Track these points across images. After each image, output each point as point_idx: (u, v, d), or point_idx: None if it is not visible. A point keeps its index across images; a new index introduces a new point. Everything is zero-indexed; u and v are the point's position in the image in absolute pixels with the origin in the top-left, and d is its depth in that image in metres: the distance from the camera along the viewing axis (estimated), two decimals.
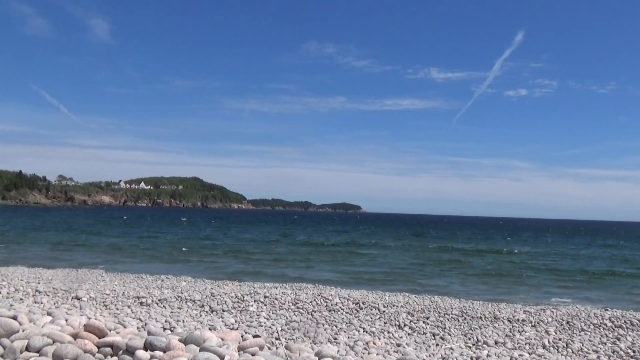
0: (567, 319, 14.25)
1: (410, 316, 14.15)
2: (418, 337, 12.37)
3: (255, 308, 14.23)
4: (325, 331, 12.21)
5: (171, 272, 23.69)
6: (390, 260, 34.56)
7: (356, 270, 29.01)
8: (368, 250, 43.27)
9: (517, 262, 35.67)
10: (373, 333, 12.44)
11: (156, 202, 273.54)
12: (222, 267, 28.33)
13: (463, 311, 14.88)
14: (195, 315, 13.29)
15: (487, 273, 28.92)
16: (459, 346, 11.63)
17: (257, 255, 35.95)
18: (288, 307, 14.51)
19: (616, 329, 13.43)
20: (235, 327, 11.95)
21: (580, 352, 11.38)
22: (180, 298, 15.02)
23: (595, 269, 32.76)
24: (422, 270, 29.41)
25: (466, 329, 13.20)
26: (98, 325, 5.49)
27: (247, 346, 5.47)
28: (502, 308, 15.88)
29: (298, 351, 6.04)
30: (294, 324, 12.72)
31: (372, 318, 13.93)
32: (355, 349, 10.61)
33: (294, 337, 11.45)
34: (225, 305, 14.29)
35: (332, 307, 14.72)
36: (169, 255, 33.87)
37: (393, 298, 16.88)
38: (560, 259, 39.59)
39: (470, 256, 39.66)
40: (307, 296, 15.90)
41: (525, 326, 13.49)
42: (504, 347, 11.63)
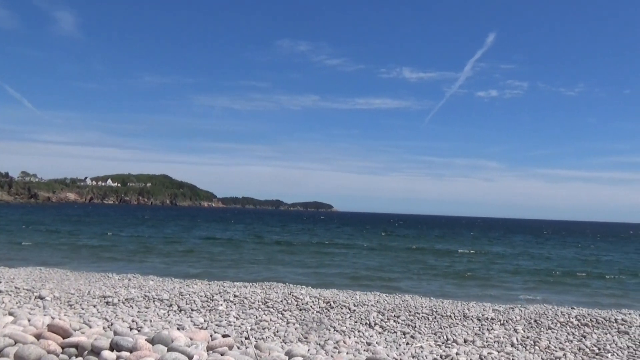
0: (535, 317, 14.47)
1: (381, 315, 14.16)
2: (388, 336, 12.38)
3: (224, 307, 14.05)
4: (296, 330, 12.13)
5: (137, 271, 23.27)
6: (361, 260, 34.66)
7: (326, 270, 28.98)
8: (339, 249, 43.28)
9: (487, 262, 36.14)
10: (343, 332, 12.39)
11: (124, 199, 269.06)
12: (188, 267, 27.92)
13: (433, 310, 14.97)
14: (163, 314, 13.05)
15: (457, 272, 29.22)
16: (429, 345, 11.68)
17: (224, 254, 35.57)
18: (258, 307, 14.37)
19: (582, 327, 13.68)
20: (204, 327, 11.80)
21: (547, 350, 11.54)
22: (147, 297, 14.74)
23: (563, 269, 33.41)
24: (393, 270, 29.54)
25: (436, 327, 13.28)
26: (62, 325, 5.35)
27: (216, 346, 5.41)
28: (472, 307, 16.03)
29: (268, 350, 6.02)
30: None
31: (342, 317, 13.90)
32: (325, 348, 10.57)
33: (263, 337, 11.33)
34: (194, 305, 14.08)
35: (303, 306, 14.63)
36: (131, 254, 33.23)
37: (364, 297, 16.88)
38: (529, 259, 40.29)
39: (441, 255, 40.05)
40: (278, 295, 15.78)
41: (494, 325, 13.64)
42: (473, 345, 11.72)
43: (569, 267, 34.47)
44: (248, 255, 35.22)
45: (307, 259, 34.41)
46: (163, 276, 21.81)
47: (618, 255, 47.49)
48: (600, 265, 36.72)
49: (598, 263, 38.82)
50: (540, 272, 31.25)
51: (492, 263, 35.53)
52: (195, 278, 21.76)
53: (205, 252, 36.67)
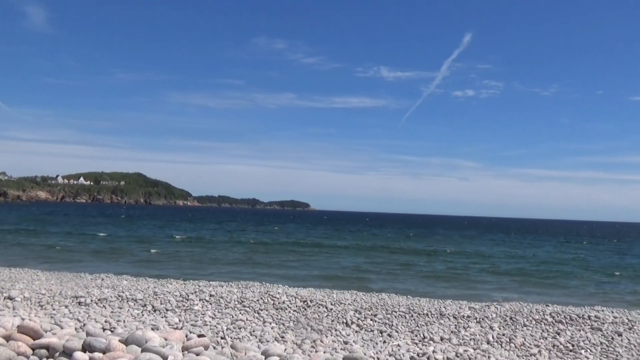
0: (510, 315, 14.63)
1: (358, 314, 14.14)
2: (365, 335, 12.37)
3: (200, 307, 13.88)
4: (272, 329, 12.04)
5: (111, 271, 22.91)
6: (337, 259, 34.68)
7: (302, 269, 28.94)
8: (315, 249, 43.24)
9: (463, 261, 36.47)
10: (320, 331, 12.34)
11: (96, 198, 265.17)
12: (162, 267, 27.57)
13: (410, 308, 15.02)
14: (137, 314, 12.84)
15: (434, 271, 29.42)
16: (406, 343, 11.69)
17: (199, 254, 35.23)
18: (234, 306, 14.24)
19: (556, 324, 13.87)
20: (179, 327, 11.62)
21: (522, 347, 11.65)
22: (121, 297, 14.48)
23: (538, 267, 33.93)
24: (369, 269, 29.61)
25: (413, 325, 13.31)
26: (33, 327, 5.19)
27: (192, 346, 5.33)
28: (448, 305, 16.13)
29: (244, 350, 5.93)
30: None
31: (319, 316, 13.85)
32: (302, 347, 10.52)
33: (240, 336, 11.22)
34: (168, 305, 13.88)
35: (280, 306, 14.54)
36: (104, 254, 32.69)
37: (341, 296, 16.86)
38: (505, 257, 40.79)
39: (417, 255, 40.27)
40: (254, 294, 15.66)
41: (470, 322, 13.73)
42: (450, 343, 11.77)
43: (543, 266, 35.01)
44: (224, 255, 34.97)
45: (284, 258, 34.31)
46: (137, 276, 21.50)
47: (591, 254, 48.39)
48: (573, 264, 37.37)
49: (572, 261, 39.50)
50: (516, 270, 31.66)
51: (468, 262, 35.89)
52: (170, 278, 21.49)
53: (180, 251, 36.28)
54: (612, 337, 12.64)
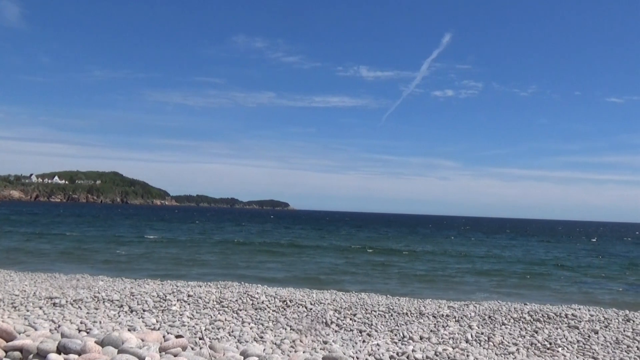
0: (489, 313, 14.74)
1: (338, 313, 14.12)
2: (345, 334, 12.34)
3: (178, 307, 13.72)
4: (251, 330, 11.95)
5: (86, 272, 22.55)
6: (316, 259, 34.63)
7: (281, 269, 28.81)
8: (294, 249, 43.10)
9: (443, 260, 36.69)
10: (300, 331, 12.29)
11: (72, 197, 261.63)
12: (140, 267, 27.21)
13: (390, 307, 15.05)
14: (114, 315, 12.63)
15: (413, 271, 29.52)
16: (386, 342, 11.70)
17: (177, 255, 34.82)
18: (213, 306, 14.11)
19: (534, 322, 14.01)
20: (156, 328, 11.47)
21: (500, 345, 11.74)
22: (97, 298, 14.24)
23: (516, 266, 34.34)
24: (348, 270, 29.62)
25: (392, 325, 13.33)
26: (5, 328, 5.07)
27: (169, 347, 5.26)
28: (427, 304, 16.20)
29: (223, 351, 5.89)
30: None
31: (299, 316, 13.79)
32: (281, 347, 10.45)
33: (218, 337, 11.10)
34: (146, 305, 13.69)
35: (259, 306, 14.45)
36: (79, 255, 32.13)
37: (320, 295, 16.82)
38: (483, 257, 41.18)
39: (396, 255, 40.36)
40: (233, 294, 15.54)
41: (450, 321, 13.80)
42: (429, 342, 11.80)
43: (521, 265, 35.42)
44: (202, 256, 34.60)
45: (262, 259, 34.09)
46: (113, 276, 21.19)
47: (568, 253, 49.11)
48: (551, 263, 37.89)
49: (549, 260, 40.05)
50: (495, 270, 31.96)
51: (447, 261, 36.12)
52: (147, 278, 21.22)
53: (155, 252, 35.81)
54: (589, 335, 12.81)
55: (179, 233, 58.73)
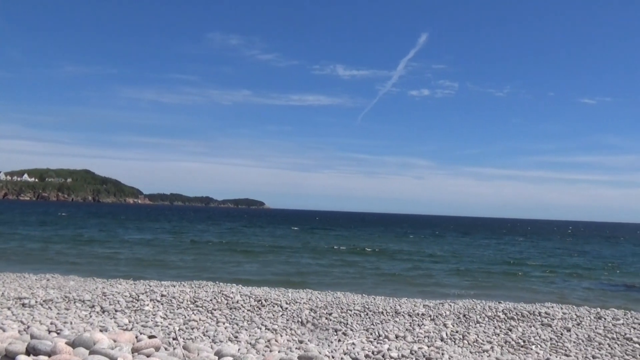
0: (463, 312, 14.86)
1: (313, 312, 14.08)
2: (320, 333, 12.31)
3: (151, 307, 13.51)
4: (225, 329, 11.82)
5: (57, 272, 22.08)
6: (292, 260, 34.50)
7: (256, 269, 28.62)
8: (268, 248, 42.88)
9: (418, 259, 36.89)
10: (275, 330, 12.21)
11: (41, 195, 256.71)
12: (111, 267, 26.68)
13: (365, 306, 15.06)
14: (85, 316, 12.37)
15: (391, 270, 29.62)
16: (361, 341, 11.68)
17: (149, 255, 34.28)
18: (187, 306, 13.93)
19: (508, 321, 14.17)
20: (129, 328, 11.26)
21: (475, 343, 11.82)
22: (67, 298, 13.94)
23: (491, 265, 34.73)
24: (324, 269, 29.60)
25: (368, 324, 13.33)
26: None
27: (142, 347, 5.20)
28: (403, 303, 16.26)
29: (197, 351, 5.83)
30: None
31: (274, 315, 13.72)
32: (256, 347, 10.35)
33: (192, 337, 10.95)
34: (118, 305, 13.44)
35: (233, 305, 14.32)
36: (48, 255, 31.38)
37: (296, 295, 16.76)
38: (459, 255, 41.56)
39: (373, 255, 40.36)
40: (207, 294, 15.37)
41: (425, 320, 13.87)
42: (405, 340, 11.82)
43: (497, 264, 35.87)
44: (174, 256, 34.01)
45: (237, 258, 33.82)
46: (85, 276, 20.79)
47: (542, 252, 49.86)
48: (525, 261, 38.41)
49: (524, 259, 40.59)
50: (470, 268, 32.27)
51: (423, 260, 36.33)
52: (119, 278, 20.87)
53: (129, 252, 35.23)
54: (562, 333, 13.00)
55: (153, 232, 57.93)
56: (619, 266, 37.65)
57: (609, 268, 35.91)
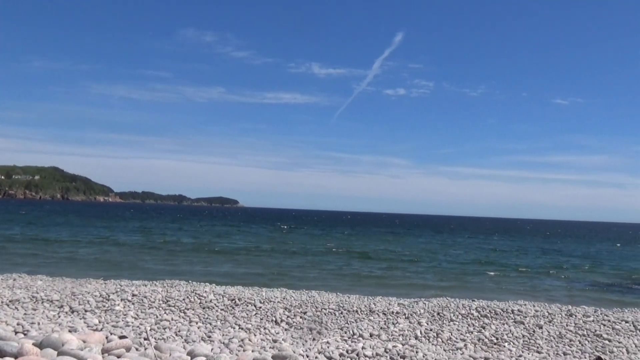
0: (437, 310, 14.94)
1: (287, 311, 14.00)
2: (295, 333, 12.24)
3: (122, 307, 13.25)
4: (198, 329, 11.66)
5: (24, 271, 21.52)
6: (265, 260, 34.20)
7: (228, 270, 28.30)
8: (242, 249, 42.50)
9: (393, 258, 36.99)
10: (249, 330, 12.10)
11: (8, 193, 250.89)
12: (82, 268, 26.01)
13: (340, 305, 15.03)
14: (53, 316, 12.07)
15: (366, 270, 29.63)
16: (335, 340, 11.64)
17: (116, 256, 33.54)
18: (158, 305, 13.71)
19: (482, 318, 14.30)
20: (99, 328, 11.03)
21: (449, 341, 11.89)
22: (35, 298, 13.59)
23: (466, 263, 35.06)
24: (298, 268, 29.48)
25: (342, 322, 13.30)
26: None
27: (113, 348, 5.05)
28: (378, 301, 16.27)
29: (169, 351, 5.71)
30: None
31: (248, 314, 13.60)
32: (230, 346, 10.25)
33: (164, 337, 10.77)
34: (88, 305, 13.15)
35: (207, 305, 14.14)
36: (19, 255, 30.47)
37: (270, 294, 16.63)
38: (434, 254, 41.84)
39: (348, 254, 40.17)
40: (180, 293, 15.15)
41: (399, 318, 13.90)
42: (379, 339, 11.83)
43: (471, 262, 36.23)
44: (145, 256, 33.33)
45: (210, 258, 33.40)
46: (53, 276, 20.29)
47: (516, 251, 50.50)
48: (499, 260, 38.87)
49: (497, 257, 41.09)
50: (445, 267, 32.53)
51: (399, 259, 36.44)
52: (89, 277, 20.44)
53: (97, 252, 34.48)
54: (534, 330, 13.17)
55: (122, 232, 56.75)
56: (591, 264, 38.43)
57: (581, 266, 36.63)
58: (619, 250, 57.43)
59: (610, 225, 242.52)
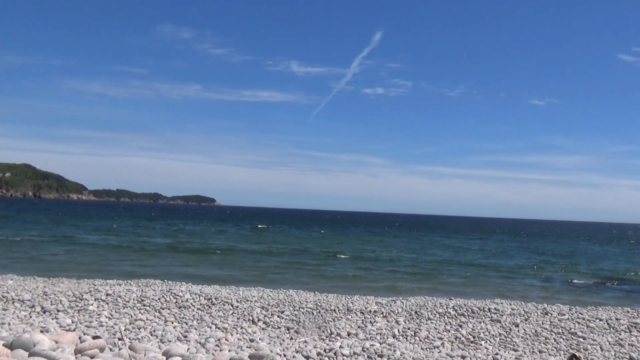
0: (415, 309, 14.98)
1: (265, 311, 13.90)
2: (272, 332, 12.17)
3: (95, 307, 13.02)
4: (174, 329, 11.50)
5: None
6: (242, 261, 33.86)
7: (201, 271, 27.89)
8: (217, 249, 42.10)
9: (372, 258, 36.99)
10: (225, 329, 12.00)
11: None
12: (42, 270, 25.21)
13: (318, 304, 14.98)
14: (25, 316, 11.80)
15: (343, 269, 29.51)
16: (313, 339, 11.59)
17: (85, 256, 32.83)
18: (133, 305, 13.51)
19: (459, 317, 14.38)
20: (72, 329, 10.81)
21: (426, 340, 11.93)
22: (5, 298, 13.27)
23: (443, 263, 35.21)
24: (276, 268, 29.29)
25: (320, 321, 13.26)
26: None
27: (86, 348, 4.99)
28: (355, 300, 16.25)
29: (143, 351, 5.68)
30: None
31: (224, 314, 13.48)
32: (206, 346, 10.14)
33: (139, 337, 10.60)
34: (60, 305, 12.89)
35: (183, 304, 13.97)
36: None
37: (247, 293, 16.51)
38: (411, 253, 41.95)
39: (326, 254, 39.94)
40: (155, 293, 14.94)
41: (377, 317, 13.91)
42: (357, 338, 11.82)
43: (449, 261, 36.43)
44: (115, 256, 32.46)
45: (186, 258, 32.89)
46: (25, 275, 19.82)
47: (493, 250, 50.87)
48: (477, 259, 39.17)
49: (475, 257, 41.35)
50: (422, 266, 32.62)
51: (376, 259, 36.39)
52: (62, 277, 20.01)
53: (70, 250, 33.82)
54: (510, 328, 13.29)
55: (95, 231, 55.65)
56: (566, 263, 39.00)
57: (557, 265, 37.16)
58: (594, 250, 58.47)
59: (586, 225, 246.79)
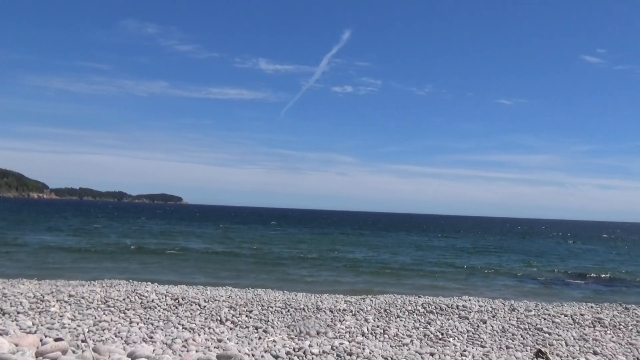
0: (384, 306, 15.03)
1: (233, 310, 13.75)
2: (240, 332, 12.03)
3: (57, 308, 12.64)
4: (140, 330, 11.24)
5: None
6: (213, 259, 33.61)
7: (167, 271, 27.57)
8: (183, 249, 41.60)
9: (340, 257, 37.00)
10: (193, 329, 11.80)
11: None
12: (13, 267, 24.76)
13: (287, 303, 14.89)
14: None
15: (313, 269, 29.48)
16: (282, 338, 11.49)
17: (44, 257, 32.14)
18: (97, 306, 13.17)
19: (427, 314, 14.49)
20: (33, 331, 10.45)
21: (395, 337, 11.96)
22: None
23: (412, 261, 35.49)
24: (245, 269, 29.07)
25: (289, 320, 13.18)
26: None
27: (47, 351, 4.86)
28: (325, 299, 16.24)
29: (108, 353, 5.58)
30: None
31: (192, 314, 13.27)
32: (173, 347, 9.92)
33: (103, 339, 10.32)
34: (20, 307, 12.48)
35: (148, 304, 13.70)
36: None
37: (215, 292, 16.31)
38: (381, 252, 42.15)
39: (296, 256, 39.81)
40: (120, 293, 14.61)
41: (346, 315, 13.89)
42: (326, 336, 11.78)
43: (418, 259, 36.72)
44: (78, 257, 31.67)
45: (149, 259, 32.25)
46: None
47: (461, 248, 51.52)
48: (445, 257, 39.63)
49: (443, 255, 41.81)
50: (391, 265, 32.79)
51: (344, 259, 36.40)
52: (22, 277, 19.44)
53: (25, 253, 32.88)
54: (478, 325, 13.44)
55: (57, 231, 54.36)
56: (532, 261, 39.76)
57: (523, 262, 37.87)
58: (559, 247, 59.86)
59: (552, 223, 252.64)
